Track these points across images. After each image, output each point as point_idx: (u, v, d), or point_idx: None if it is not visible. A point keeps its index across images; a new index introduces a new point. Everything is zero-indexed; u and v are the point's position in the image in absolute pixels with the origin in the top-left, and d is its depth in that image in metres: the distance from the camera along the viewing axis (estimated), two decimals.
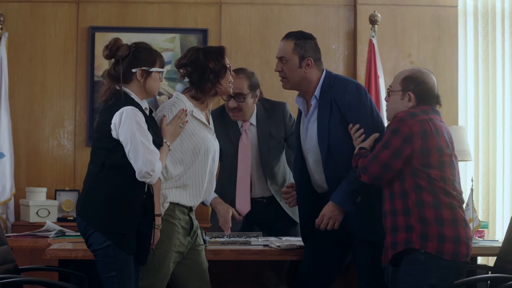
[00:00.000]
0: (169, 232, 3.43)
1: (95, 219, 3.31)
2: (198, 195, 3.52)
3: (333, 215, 3.59)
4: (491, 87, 6.19)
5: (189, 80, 3.52)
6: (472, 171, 6.12)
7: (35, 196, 5.78)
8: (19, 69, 6.06)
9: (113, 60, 3.42)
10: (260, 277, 4.03)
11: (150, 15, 6.17)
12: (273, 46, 6.18)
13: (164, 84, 6.08)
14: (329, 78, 3.70)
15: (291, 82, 3.72)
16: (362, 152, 3.47)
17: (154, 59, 3.41)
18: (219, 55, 3.53)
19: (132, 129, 3.26)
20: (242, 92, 4.19)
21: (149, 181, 3.29)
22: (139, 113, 3.30)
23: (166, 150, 3.40)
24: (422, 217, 3.32)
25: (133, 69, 3.38)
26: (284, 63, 3.71)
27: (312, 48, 3.71)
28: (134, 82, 3.39)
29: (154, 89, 3.43)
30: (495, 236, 5.94)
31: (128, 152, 3.28)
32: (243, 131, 4.30)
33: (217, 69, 3.49)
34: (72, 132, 6.10)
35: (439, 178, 3.35)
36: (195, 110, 3.50)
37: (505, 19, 6.22)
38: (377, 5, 6.16)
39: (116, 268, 3.28)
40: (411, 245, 3.32)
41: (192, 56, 3.52)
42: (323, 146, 3.63)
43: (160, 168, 3.31)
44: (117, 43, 3.42)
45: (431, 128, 3.38)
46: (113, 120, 3.30)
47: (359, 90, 3.65)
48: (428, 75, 3.52)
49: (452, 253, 3.31)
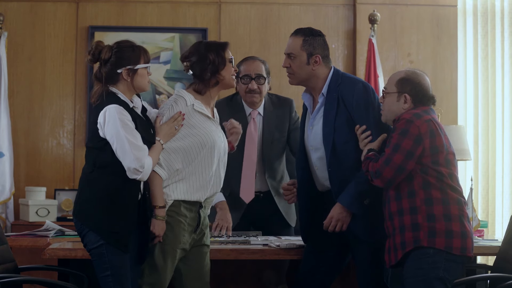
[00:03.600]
0: (175, 228, 3.43)
1: (88, 219, 3.32)
2: (204, 188, 3.49)
3: (341, 217, 3.58)
4: (491, 87, 6.19)
5: (192, 71, 3.54)
6: (471, 170, 6.12)
7: (34, 196, 5.78)
8: (19, 68, 6.06)
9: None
10: (260, 276, 4.03)
11: (149, 15, 6.17)
12: (272, 46, 6.19)
13: (164, 84, 6.08)
14: (337, 76, 3.70)
15: (298, 78, 3.71)
16: (371, 155, 3.46)
17: (138, 56, 3.41)
18: (221, 48, 3.54)
19: (116, 127, 3.27)
20: (263, 74, 4.28)
21: (139, 177, 3.29)
22: (123, 111, 3.31)
23: (158, 148, 3.39)
24: (430, 214, 3.34)
25: (118, 69, 3.38)
26: (292, 59, 3.70)
27: (320, 45, 3.70)
28: (121, 82, 3.40)
29: (143, 85, 3.44)
30: (494, 236, 5.95)
31: (115, 150, 3.29)
32: (251, 119, 4.33)
33: (217, 61, 3.50)
34: (71, 131, 6.10)
35: (447, 175, 3.39)
36: (197, 103, 3.50)
37: (504, 19, 6.22)
38: (377, 4, 6.16)
39: (111, 267, 3.28)
40: (419, 243, 3.34)
41: (194, 48, 3.56)
42: (327, 144, 3.62)
43: (150, 164, 3.31)
44: (99, 46, 3.42)
45: (436, 127, 3.41)
46: (99, 120, 3.32)
47: (367, 90, 3.64)
48: (423, 76, 3.53)
49: (460, 248, 3.34)
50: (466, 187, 4.19)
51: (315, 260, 3.74)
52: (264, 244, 3.86)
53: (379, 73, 5.97)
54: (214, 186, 3.54)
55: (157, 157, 3.38)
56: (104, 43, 3.45)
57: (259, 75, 4.26)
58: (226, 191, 4.25)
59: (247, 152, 4.26)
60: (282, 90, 5.28)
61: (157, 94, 6.07)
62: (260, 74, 4.27)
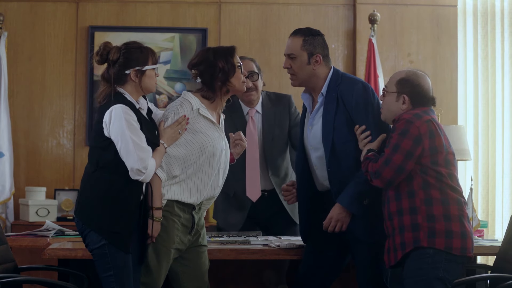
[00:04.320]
0: (168, 228, 3.43)
1: (90, 219, 3.32)
2: (199, 192, 3.49)
3: (340, 217, 3.58)
4: (491, 87, 6.19)
5: (201, 80, 3.52)
6: (471, 170, 6.12)
7: (34, 196, 5.78)
8: (19, 68, 6.06)
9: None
10: (260, 276, 4.03)
11: (149, 15, 6.17)
12: (272, 46, 6.19)
13: (164, 84, 6.08)
14: (337, 75, 3.69)
15: (300, 78, 3.71)
16: (371, 155, 3.46)
17: (146, 57, 3.42)
18: (229, 54, 3.53)
19: (122, 127, 3.27)
20: (255, 70, 4.30)
21: (142, 179, 3.29)
22: (129, 111, 3.31)
23: (162, 151, 3.39)
24: (430, 214, 3.34)
25: (126, 71, 3.38)
26: (292, 60, 3.69)
27: (320, 45, 3.70)
28: (129, 83, 3.40)
29: (151, 86, 3.45)
30: (494, 236, 5.95)
31: (119, 150, 3.29)
32: (249, 118, 4.34)
33: (227, 68, 3.49)
34: (71, 131, 6.10)
35: (447, 175, 3.39)
36: (202, 108, 3.50)
37: (504, 19, 6.22)
38: (377, 4, 6.16)
39: (113, 267, 3.28)
40: (419, 243, 3.34)
41: (202, 56, 3.54)
42: (327, 143, 3.62)
43: (153, 166, 3.31)
44: (107, 47, 3.42)
45: (436, 127, 3.41)
46: (104, 119, 3.32)
47: (367, 90, 3.64)
48: (424, 77, 3.53)
49: (460, 248, 3.34)
50: (466, 187, 4.19)
51: (315, 260, 3.74)
52: (264, 244, 3.86)
53: (379, 73, 5.97)
54: (210, 191, 3.54)
55: (160, 159, 3.37)
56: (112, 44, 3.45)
57: (251, 72, 4.27)
58: (230, 192, 4.27)
59: (249, 151, 4.25)
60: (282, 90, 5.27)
61: (157, 94, 6.07)
62: (252, 70, 4.28)
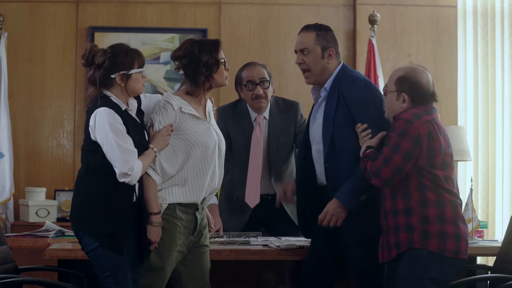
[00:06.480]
0: (171, 232, 3.42)
1: (82, 222, 3.32)
2: (199, 190, 3.48)
3: (336, 212, 3.57)
4: (491, 87, 6.20)
5: (184, 72, 3.51)
6: (471, 171, 6.12)
7: (34, 196, 5.78)
8: (19, 69, 6.06)
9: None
10: (260, 277, 4.03)
11: (149, 15, 6.17)
12: (272, 46, 6.19)
13: (164, 84, 6.08)
14: (343, 71, 3.68)
15: (315, 73, 3.69)
16: (370, 153, 3.45)
17: (132, 61, 3.38)
18: (214, 48, 3.50)
19: (105, 130, 3.26)
20: (266, 78, 4.28)
21: (128, 181, 3.27)
22: (113, 114, 3.29)
23: (151, 154, 3.37)
24: (425, 215, 3.34)
25: (112, 75, 3.35)
26: (305, 54, 3.68)
27: (332, 39, 3.71)
28: (115, 86, 3.37)
29: (137, 89, 3.41)
30: (494, 236, 5.95)
31: (105, 153, 3.28)
32: (257, 124, 4.33)
33: (210, 63, 3.46)
34: (71, 132, 6.10)
35: (443, 177, 3.38)
36: (184, 105, 3.47)
37: (504, 19, 6.22)
38: (377, 5, 6.16)
39: (109, 269, 3.28)
40: (412, 245, 3.34)
41: (187, 48, 3.49)
42: (326, 139, 3.61)
43: (139, 167, 3.29)
44: (92, 50, 3.38)
45: (435, 129, 3.40)
46: (90, 123, 3.31)
47: (368, 87, 3.64)
48: (422, 73, 3.50)
49: (453, 251, 3.34)
50: (466, 188, 4.19)
51: (318, 260, 3.73)
52: (264, 245, 3.86)
53: (379, 74, 5.97)
54: (210, 185, 3.53)
55: (148, 162, 3.35)
56: (99, 46, 3.41)
57: (263, 80, 4.26)
58: (234, 195, 4.28)
59: (253, 156, 4.26)
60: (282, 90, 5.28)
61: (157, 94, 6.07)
62: (264, 78, 4.27)
